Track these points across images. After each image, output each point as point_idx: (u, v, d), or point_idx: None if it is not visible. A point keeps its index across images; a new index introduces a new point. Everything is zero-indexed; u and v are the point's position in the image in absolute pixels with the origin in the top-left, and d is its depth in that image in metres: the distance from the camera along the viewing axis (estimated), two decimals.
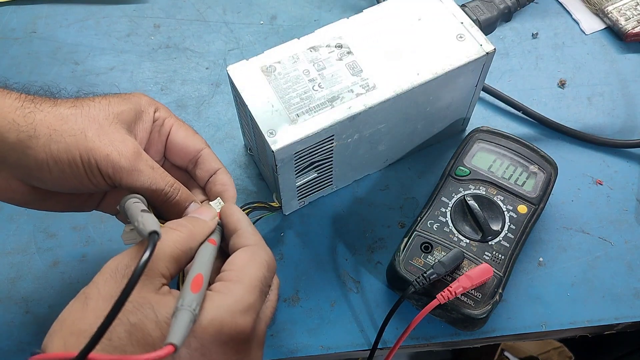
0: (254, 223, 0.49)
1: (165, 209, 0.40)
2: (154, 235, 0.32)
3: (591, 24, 0.64)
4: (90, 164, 0.37)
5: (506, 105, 0.59)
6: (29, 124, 0.36)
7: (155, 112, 0.42)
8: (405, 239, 0.47)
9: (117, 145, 0.37)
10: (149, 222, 0.34)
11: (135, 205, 0.36)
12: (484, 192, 0.49)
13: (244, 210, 0.48)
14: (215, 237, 0.39)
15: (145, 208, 0.37)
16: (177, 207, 0.40)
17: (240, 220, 0.39)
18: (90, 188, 0.38)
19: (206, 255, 0.36)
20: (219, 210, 0.41)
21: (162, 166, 0.44)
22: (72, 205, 0.42)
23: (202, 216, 0.39)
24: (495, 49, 0.48)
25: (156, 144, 0.43)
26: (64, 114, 0.37)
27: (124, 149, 0.38)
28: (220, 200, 0.42)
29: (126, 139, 0.38)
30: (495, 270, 0.45)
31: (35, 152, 0.36)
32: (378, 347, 0.46)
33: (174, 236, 0.35)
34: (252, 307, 0.34)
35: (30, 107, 0.37)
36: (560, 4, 0.66)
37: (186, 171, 0.45)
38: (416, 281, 0.44)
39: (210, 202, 0.42)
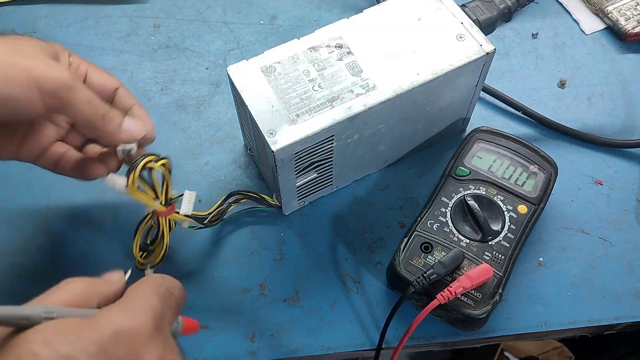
0: (246, 211, 0.51)
1: (102, 126, 0.41)
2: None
3: (591, 24, 0.64)
4: (27, 74, 0.36)
5: (506, 105, 0.59)
6: None
7: (70, 55, 0.43)
8: (405, 239, 0.47)
9: (53, 63, 0.38)
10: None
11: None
12: (484, 192, 0.49)
13: (235, 197, 0.50)
14: None
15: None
16: (115, 120, 0.41)
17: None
18: (19, 105, 0.37)
19: None
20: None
21: None
22: None
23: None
24: (495, 49, 0.48)
25: None
26: None
27: (60, 66, 0.38)
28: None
29: (57, 62, 0.39)
30: (495, 270, 0.45)
31: None
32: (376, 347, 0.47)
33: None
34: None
35: None
36: (560, 4, 0.66)
37: None
38: (416, 281, 0.44)
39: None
